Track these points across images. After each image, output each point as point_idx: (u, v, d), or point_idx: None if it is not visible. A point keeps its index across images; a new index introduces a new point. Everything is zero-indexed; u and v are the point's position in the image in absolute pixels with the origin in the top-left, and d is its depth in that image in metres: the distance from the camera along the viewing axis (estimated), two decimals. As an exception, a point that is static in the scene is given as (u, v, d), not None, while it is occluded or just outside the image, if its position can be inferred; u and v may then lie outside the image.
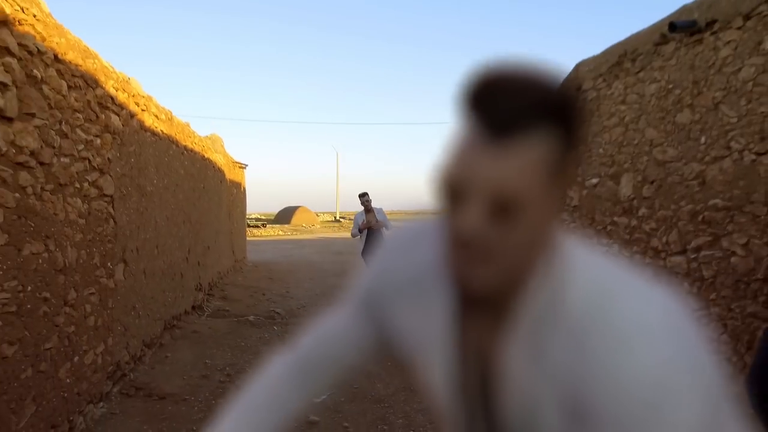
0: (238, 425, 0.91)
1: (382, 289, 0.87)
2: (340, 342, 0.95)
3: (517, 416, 0.71)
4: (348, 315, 0.96)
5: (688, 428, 0.61)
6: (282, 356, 0.99)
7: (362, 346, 0.94)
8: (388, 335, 0.88)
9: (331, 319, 0.99)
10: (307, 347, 0.97)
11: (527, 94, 0.63)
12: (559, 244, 0.71)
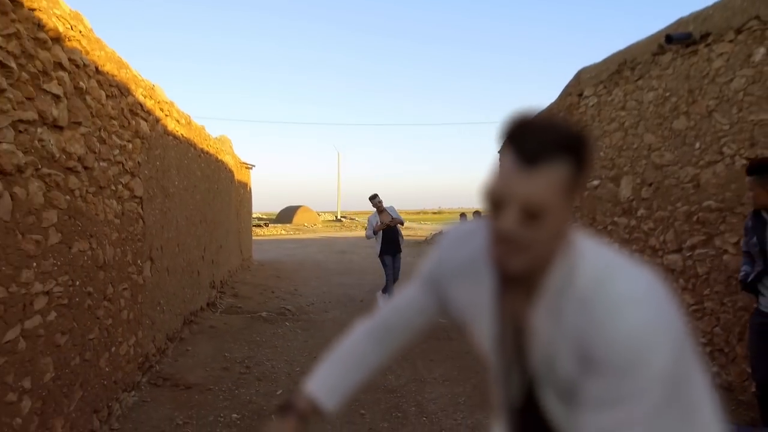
0: (332, 372, 1.19)
1: (442, 271, 1.16)
2: (410, 310, 1.23)
3: (541, 362, 0.99)
4: (416, 290, 1.24)
5: (660, 369, 0.89)
6: (364, 322, 1.27)
7: (427, 312, 1.22)
8: (447, 305, 1.16)
9: (403, 293, 1.27)
10: (385, 314, 1.25)
11: (548, 136, 0.90)
12: (571, 239, 0.98)
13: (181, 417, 4.10)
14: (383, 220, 8.37)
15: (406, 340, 1.27)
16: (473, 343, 1.14)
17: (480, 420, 4.21)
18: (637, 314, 0.90)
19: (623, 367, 0.89)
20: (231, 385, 4.87)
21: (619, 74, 5.42)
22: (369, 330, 1.25)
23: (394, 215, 8.50)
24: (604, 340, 0.90)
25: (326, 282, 11.80)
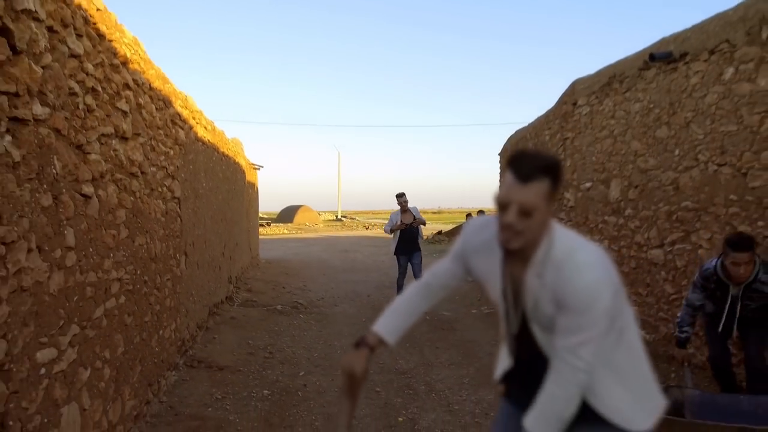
0: (391, 319, 1.75)
1: (467, 249, 1.72)
2: (445, 274, 1.79)
3: (530, 305, 1.55)
4: (449, 261, 1.79)
5: (605, 308, 1.45)
6: (414, 283, 1.83)
7: (457, 277, 1.78)
8: (470, 271, 1.72)
9: (440, 263, 1.83)
10: (427, 278, 1.81)
11: (535, 163, 1.46)
12: (550, 227, 1.54)
13: (219, 393, 4.65)
14: (405, 219, 8.53)
15: (441, 296, 1.83)
16: (488, 295, 1.70)
17: (483, 396, 4.76)
18: (591, 274, 1.46)
19: (582, 307, 1.45)
20: (258, 368, 5.42)
21: (609, 86, 5.98)
22: (417, 289, 1.82)
23: (417, 216, 8.66)
24: (570, 290, 1.46)
25: (333, 279, 12.33)
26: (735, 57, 4.31)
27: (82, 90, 2.86)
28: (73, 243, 2.69)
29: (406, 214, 8.59)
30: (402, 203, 8.57)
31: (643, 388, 1.58)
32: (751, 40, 4.16)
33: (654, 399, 1.59)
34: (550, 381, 1.49)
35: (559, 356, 1.48)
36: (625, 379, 1.54)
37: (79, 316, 2.79)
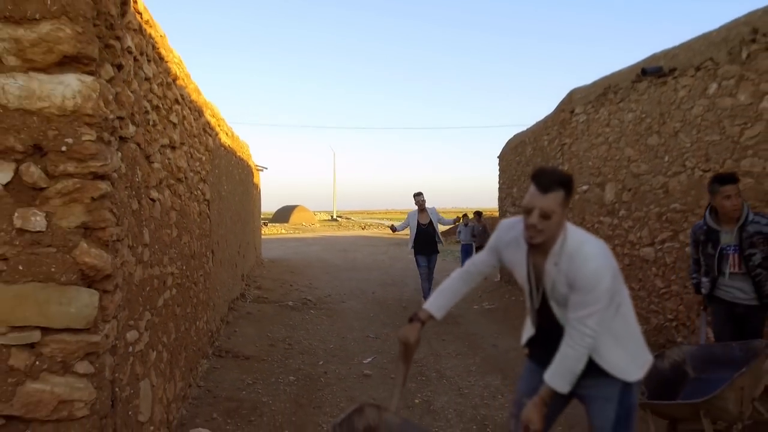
0: (438, 299, 2.22)
1: (500, 243, 2.19)
2: (483, 263, 2.26)
3: (549, 287, 2.03)
4: (486, 253, 2.26)
5: (606, 288, 1.93)
6: (457, 270, 2.30)
7: (491, 265, 2.26)
8: (502, 261, 2.20)
9: (478, 255, 2.30)
10: (468, 266, 2.28)
11: (553, 177, 1.94)
12: (564, 226, 2.01)
13: (249, 379, 5.10)
14: (421, 219, 8.32)
15: (479, 281, 2.30)
16: (516, 279, 2.17)
17: (490, 382, 5.23)
18: (595, 262, 1.93)
19: (589, 287, 1.92)
20: (280, 357, 5.88)
21: (605, 96, 6.47)
22: (459, 275, 2.28)
23: (434, 217, 8.41)
24: (580, 275, 1.93)
25: (336, 277, 12.78)
26: (718, 74, 4.80)
27: (151, 107, 3.31)
28: (148, 241, 3.14)
29: (423, 213, 8.36)
30: (419, 202, 8.34)
31: (636, 348, 2.07)
32: (732, 59, 4.65)
33: (644, 356, 2.08)
34: (564, 344, 1.97)
35: (571, 325, 1.96)
36: (621, 342, 2.02)
37: (150, 304, 3.24)
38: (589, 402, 2.08)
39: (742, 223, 3.56)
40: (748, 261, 3.55)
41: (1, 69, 1.89)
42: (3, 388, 1.92)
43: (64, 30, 1.93)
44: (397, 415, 2.33)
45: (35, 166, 1.95)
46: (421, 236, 8.37)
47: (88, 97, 1.99)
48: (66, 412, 1.99)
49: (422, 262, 8.55)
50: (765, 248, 3.52)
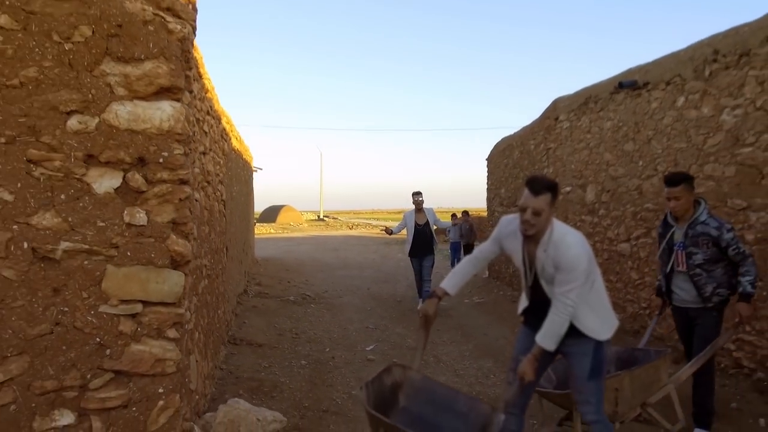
0: (452, 279, 2.80)
1: (501, 235, 2.78)
2: (487, 251, 2.85)
3: (539, 269, 2.63)
4: (489, 243, 2.86)
5: (583, 270, 2.53)
6: (467, 257, 2.88)
7: (495, 252, 2.85)
8: (503, 249, 2.79)
9: (483, 245, 2.88)
10: (476, 253, 2.87)
11: (542, 183, 2.54)
12: (551, 221, 2.60)
13: (265, 362, 5.64)
14: (418, 220, 8.21)
15: (484, 266, 2.88)
16: (514, 263, 2.76)
17: (482, 365, 5.83)
18: (575, 249, 2.53)
19: (570, 268, 2.52)
20: (290, 345, 6.42)
21: (586, 105, 7.11)
22: (468, 260, 2.87)
23: (431, 218, 8.32)
24: (563, 259, 2.53)
25: (331, 275, 13.31)
26: (685, 88, 5.45)
27: (195, 120, 3.85)
28: (196, 234, 3.68)
29: (420, 214, 8.26)
30: (417, 202, 8.23)
31: (606, 315, 2.68)
32: (697, 76, 5.30)
33: (612, 321, 2.69)
34: (551, 313, 2.56)
35: (556, 298, 2.55)
36: (595, 311, 2.62)
37: (194, 290, 3.78)
38: (571, 357, 2.68)
39: (690, 222, 3.70)
40: (689, 259, 3.70)
41: (113, 98, 2.43)
42: (114, 348, 2.46)
43: (161, 67, 2.48)
44: (418, 372, 2.90)
45: (138, 174, 2.49)
46: (416, 237, 8.27)
47: (177, 120, 2.54)
48: (160, 368, 2.54)
49: (415, 265, 8.51)
50: (709, 251, 3.64)
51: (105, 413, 2.45)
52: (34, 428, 2.36)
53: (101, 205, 2.43)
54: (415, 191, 8.38)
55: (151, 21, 2.46)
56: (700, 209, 3.74)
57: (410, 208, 8.69)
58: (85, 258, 2.41)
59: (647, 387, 3.41)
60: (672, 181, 3.71)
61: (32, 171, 2.32)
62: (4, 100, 2.28)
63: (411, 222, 8.35)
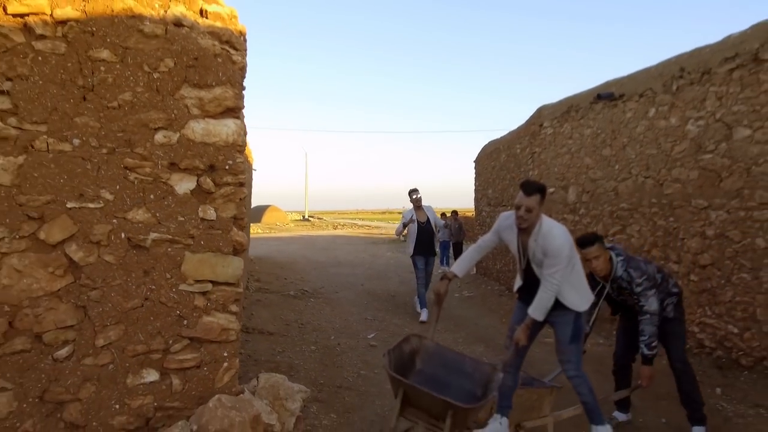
0: (460, 264, 3.45)
1: (500, 228, 3.45)
2: (489, 241, 3.52)
3: (531, 255, 3.30)
4: (491, 234, 3.51)
5: (566, 255, 3.22)
6: (472, 246, 3.53)
7: (495, 242, 3.50)
8: (501, 239, 3.45)
9: (486, 236, 3.53)
10: (480, 242, 3.52)
11: (533, 186, 3.21)
12: (540, 217, 3.26)
13: (278, 348, 6.24)
14: (419, 218, 7.96)
15: (486, 254, 3.53)
16: (511, 251, 3.41)
17: (474, 349, 6.48)
18: (560, 240, 3.21)
19: (555, 254, 3.19)
20: (298, 333, 7.02)
21: (568, 114, 7.82)
22: (474, 248, 3.52)
23: (431, 216, 8.09)
24: (550, 247, 3.20)
25: (324, 272, 13.89)
26: (656, 101, 6.16)
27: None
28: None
29: (420, 211, 8.00)
30: (415, 201, 7.95)
31: (583, 292, 3.35)
32: (666, 90, 6.02)
33: (588, 296, 3.36)
34: (540, 290, 3.22)
35: (544, 278, 3.21)
36: (575, 288, 3.29)
37: (231, 278, 4.37)
38: (556, 325, 3.34)
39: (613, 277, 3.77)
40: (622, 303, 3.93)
41: (190, 117, 3.03)
42: (190, 319, 3.05)
43: (228, 92, 3.08)
44: (431, 341, 3.54)
45: (209, 179, 3.09)
46: (419, 236, 7.97)
47: (238, 134, 3.15)
48: (225, 336, 3.14)
49: (420, 264, 8.12)
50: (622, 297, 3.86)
51: (182, 372, 3.05)
52: (127, 383, 2.94)
53: (181, 204, 3.03)
54: (412, 189, 8.08)
55: (220, 54, 3.07)
56: (613, 264, 3.75)
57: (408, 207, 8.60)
58: (169, 246, 3.00)
59: (527, 410, 3.66)
60: (583, 241, 3.68)
61: (128, 176, 2.91)
62: (106, 119, 2.86)
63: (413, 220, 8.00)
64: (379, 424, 4.27)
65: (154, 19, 2.94)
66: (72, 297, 2.83)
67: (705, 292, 5.49)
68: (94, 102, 2.84)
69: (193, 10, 3.08)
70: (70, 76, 2.80)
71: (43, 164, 2.76)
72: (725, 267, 5.26)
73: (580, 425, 3.99)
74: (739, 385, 4.97)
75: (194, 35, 3.03)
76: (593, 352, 6.07)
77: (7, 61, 2.71)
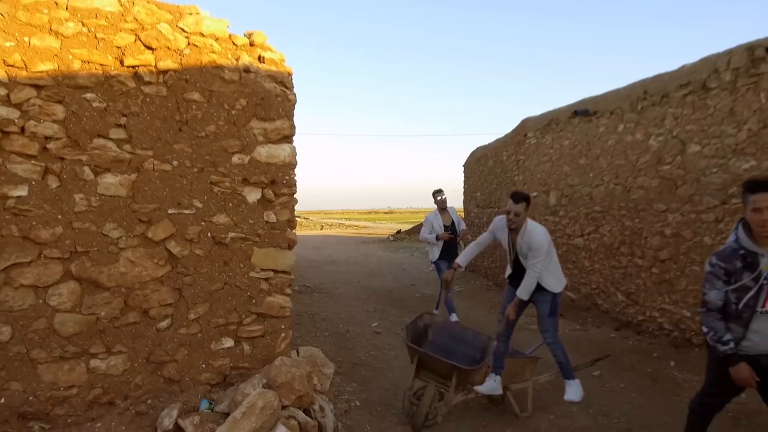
0: (463, 256, 4.47)
1: (495, 228, 4.48)
2: (486, 238, 4.57)
3: (518, 249, 4.32)
4: (487, 234, 4.54)
5: (545, 250, 4.24)
6: (472, 242, 4.51)
7: (490, 239, 4.52)
8: (495, 237, 4.46)
9: (483, 235, 4.52)
10: (478, 240, 4.52)
11: (521, 195, 4.22)
12: (526, 220, 4.26)
13: (296, 334, 7.15)
14: (444, 221, 7.66)
15: (484, 248, 4.52)
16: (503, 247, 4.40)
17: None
18: (540, 237, 4.25)
19: (537, 248, 4.23)
20: (310, 323, 7.96)
21: (549, 126, 8.85)
22: (474, 244, 4.52)
23: (455, 218, 7.79)
24: (533, 243, 4.23)
25: (321, 270, 14.81)
26: (624, 118, 7.21)
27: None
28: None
29: (445, 214, 7.66)
30: (440, 201, 7.62)
31: (559, 277, 4.37)
32: (632, 109, 7.07)
33: (563, 280, 4.39)
34: (526, 276, 4.22)
35: (529, 266, 4.21)
36: (552, 274, 4.30)
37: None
38: (538, 303, 4.35)
39: None
40: None
41: (257, 143, 3.96)
42: (257, 299, 3.99)
43: (285, 123, 4.03)
44: (441, 318, 4.52)
45: (270, 190, 4.03)
46: (447, 242, 7.61)
47: (292, 155, 4.09)
48: (282, 313, 4.09)
49: (444, 269, 7.52)
50: None
51: (251, 340, 3.99)
52: (211, 348, 3.88)
53: (251, 210, 3.97)
54: (436, 189, 7.73)
55: (279, 95, 4.01)
56: None
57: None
58: (242, 242, 3.94)
59: (513, 375, 4.46)
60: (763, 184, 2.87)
61: (213, 189, 3.84)
62: (196, 145, 3.79)
63: (438, 224, 7.69)
64: (392, 390, 5.24)
65: (231, 67, 3.88)
66: (171, 281, 3.76)
67: (664, 283, 6.55)
68: (187, 132, 3.77)
69: (254, 57, 4.02)
70: (170, 113, 3.73)
71: (151, 180, 3.68)
72: (680, 261, 6.31)
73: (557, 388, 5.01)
74: (690, 359, 6.02)
75: (260, 80, 3.97)
76: (570, 336, 7.09)
77: (123, 102, 3.62)
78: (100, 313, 3.59)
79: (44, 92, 3.44)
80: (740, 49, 5.57)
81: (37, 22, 3.43)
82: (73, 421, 3.54)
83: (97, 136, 3.56)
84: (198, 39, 3.79)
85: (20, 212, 3.39)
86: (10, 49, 3.37)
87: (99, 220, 3.57)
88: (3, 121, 3.34)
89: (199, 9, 3.84)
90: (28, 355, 3.44)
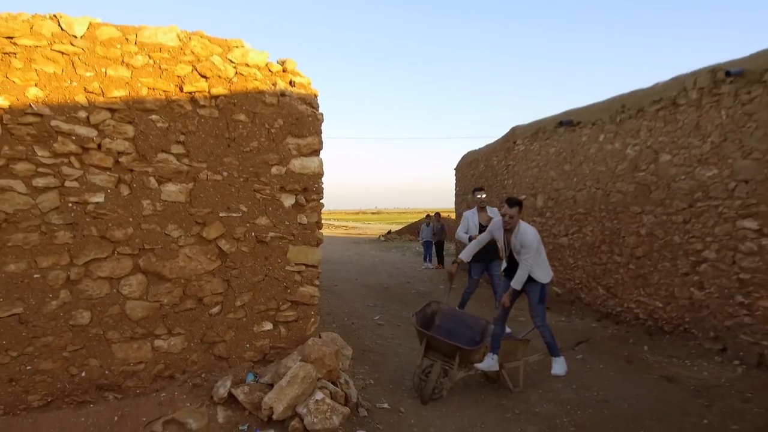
0: (466, 252, 5.26)
1: (493, 229, 5.28)
2: (484, 238, 5.35)
3: (512, 246, 5.12)
4: (486, 233, 5.33)
5: (535, 247, 5.04)
6: (474, 241, 5.29)
7: (489, 238, 5.32)
8: (494, 236, 5.27)
9: (482, 234, 5.30)
10: (479, 238, 5.32)
11: (514, 201, 5.03)
12: (519, 221, 5.05)
13: (307, 325, 7.89)
14: (482, 221, 7.28)
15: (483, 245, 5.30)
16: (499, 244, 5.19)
17: (463, 326, 8.24)
18: (531, 236, 5.06)
19: (528, 246, 5.03)
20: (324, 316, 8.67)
21: (537, 134, 9.67)
22: (475, 242, 5.31)
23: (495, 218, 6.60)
24: (524, 241, 5.04)
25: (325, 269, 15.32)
26: (604, 129, 8.04)
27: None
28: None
29: (483, 213, 7.40)
30: (479, 200, 7.37)
31: (547, 270, 5.18)
32: (612, 121, 7.90)
33: (550, 273, 5.20)
34: (519, 269, 5.02)
35: (521, 261, 5.02)
36: (541, 267, 5.10)
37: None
38: (528, 292, 5.15)
39: None
40: None
41: (292, 156, 4.70)
42: (292, 289, 4.73)
43: (315, 139, 4.78)
44: (446, 305, 5.28)
45: (303, 197, 4.77)
46: None
47: (320, 167, 4.83)
48: (312, 300, 4.83)
49: (475, 273, 7.41)
50: None
51: (286, 324, 4.73)
52: (254, 330, 4.61)
53: (287, 213, 4.70)
54: (477, 188, 7.59)
55: (310, 115, 4.76)
56: None
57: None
58: (279, 241, 4.68)
59: (507, 355, 5.22)
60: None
61: (256, 195, 4.57)
62: (242, 159, 4.52)
63: (474, 223, 7.33)
64: (400, 372, 5.99)
65: (271, 92, 4.61)
66: (221, 274, 4.49)
67: (639, 277, 7.38)
68: (234, 148, 4.50)
69: (285, 81, 4.76)
70: (220, 131, 4.45)
71: (205, 188, 4.41)
72: (653, 258, 7.14)
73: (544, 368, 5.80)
74: (661, 344, 6.86)
75: (293, 102, 4.71)
76: (555, 326, 7.90)
77: (182, 122, 4.34)
78: (163, 300, 4.30)
79: (117, 114, 4.15)
80: (705, 71, 6.40)
81: (111, 56, 4.14)
82: (141, 392, 4.26)
83: (161, 151, 4.27)
84: (244, 69, 4.52)
85: (98, 215, 4.09)
86: (90, 78, 4.07)
87: (162, 222, 4.29)
88: (84, 139, 4.05)
89: (243, 42, 4.57)
90: (104, 335, 4.14)
